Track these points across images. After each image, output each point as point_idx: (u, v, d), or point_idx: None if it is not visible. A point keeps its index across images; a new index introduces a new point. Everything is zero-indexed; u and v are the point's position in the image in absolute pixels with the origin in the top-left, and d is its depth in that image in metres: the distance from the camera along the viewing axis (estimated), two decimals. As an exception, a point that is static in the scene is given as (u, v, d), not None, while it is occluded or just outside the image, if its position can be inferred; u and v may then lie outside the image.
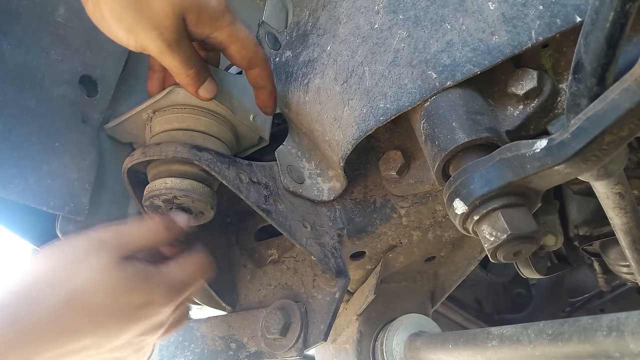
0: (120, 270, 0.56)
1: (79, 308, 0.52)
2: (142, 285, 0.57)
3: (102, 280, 0.54)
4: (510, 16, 0.56)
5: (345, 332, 0.89)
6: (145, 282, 0.57)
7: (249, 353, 0.79)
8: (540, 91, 0.57)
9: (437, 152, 0.55)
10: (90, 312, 0.53)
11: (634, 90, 0.38)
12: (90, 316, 0.53)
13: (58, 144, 0.65)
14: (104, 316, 0.54)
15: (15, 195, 0.60)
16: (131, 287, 0.56)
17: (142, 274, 0.58)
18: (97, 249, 0.56)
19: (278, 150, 0.76)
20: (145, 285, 0.57)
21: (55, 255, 0.56)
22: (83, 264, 0.54)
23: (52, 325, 0.51)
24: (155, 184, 0.66)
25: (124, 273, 0.56)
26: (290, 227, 0.68)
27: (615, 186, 0.52)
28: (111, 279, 0.55)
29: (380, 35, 0.63)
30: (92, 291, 0.53)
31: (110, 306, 0.54)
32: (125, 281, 0.55)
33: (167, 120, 0.69)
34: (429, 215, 0.76)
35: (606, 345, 0.44)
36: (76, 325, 0.52)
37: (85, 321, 0.53)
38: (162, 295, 0.59)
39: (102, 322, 0.54)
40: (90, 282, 0.54)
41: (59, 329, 0.51)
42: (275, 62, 0.79)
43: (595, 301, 1.52)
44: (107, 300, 0.54)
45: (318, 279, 0.77)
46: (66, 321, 0.52)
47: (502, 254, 0.49)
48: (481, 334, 0.61)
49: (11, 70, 0.61)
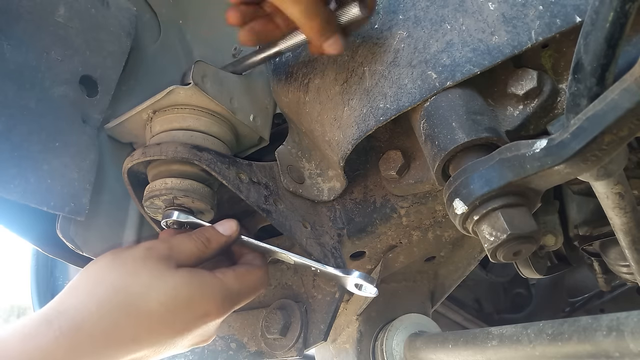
0: (173, 277, 0.55)
1: (138, 314, 0.52)
2: (199, 293, 0.56)
3: (159, 287, 0.54)
4: (510, 16, 0.56)
5: (345, 332, 0.89)
6: (200, 290, 0.56)
7: (249, 353, 0.79)
8: (540, 91, 0.57)
9: (437, 152, 0.55)
10: (148, 320, 0.53)
11: (633, 90, 0.38)
12: (148, 324, 0.53)
13: (58, 144, 0.65)
14: (162, 325, 0.54)
15: (16, 195, 0.60)
16: (188, 295, 0.55)
17: (199, 281, 0.57)
18: (153, 256, 0.56)
19: (278, 150, 0.76)
20: (202, 294, 0.56)
21: (116, 261, 0.56)
22: (142, 270, 0.55)
23: (113, 331, 0.50)
24: (156, 184, 0.66)
25: (181, 279, 0.55)
26: (290, 227, 0.69)
27: (615, 186, 0.52)
28: (169, 286, 0.54)
29: (380, 35, 0.63)
30: (150, 297, 0.53)
31: (167, 315, 0.54)
32: (178, 288, 0.55)
33: (167, 120, 0.69)
34: (429, 215, 0.76)
35: (606, 345, 0.44)
36: (135, 334, 0.52)
37: (144, 329, 0.52)
38: (218, 306, 0.58)
39: (160, 330, 0.54)
40: (148, 287, 0.54)
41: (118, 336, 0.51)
42: (275, 62, 0.79)
43: (595, 301, 1.52)
44: (164, 307, 0.54)
45: (318, 279, 0.77)
46: (126, 327, 0.51)
47: (502, 254, 0.49)
48: (481, 334, 0.61)
49: (11, 70, 0.61)
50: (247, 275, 0.63)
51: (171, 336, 0.55)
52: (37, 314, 0.50)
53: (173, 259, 0.58)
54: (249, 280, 0.63)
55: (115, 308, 0.51)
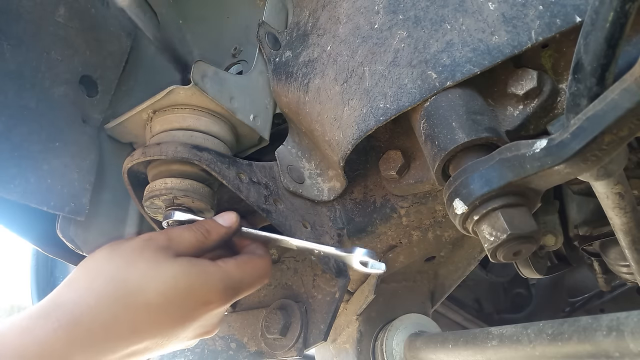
0: (172, 266, 0.54)
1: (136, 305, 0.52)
2: (199, 282, 0.55)
3: (157, 276, 0.53)
4: (510, 16, 0.56)
5: (345, 332, 0.89)
6: (201, 278, 0.56)
7: (249, 353, 0.79)
8: (540, 91, 0.57)
9: (437, 152, 0.55)
10: (147, 310, 0.52)
11: (633, 90, 0.38)
12: (148, 314, 0.52)
13: (58, 144, 0.65)
14: (161, 315, 0.53)
15: (16, 195, 0.60)
16: (188, 284, 0.54)
17: (198, 270, 0.56)
18: (151, 247, 0.56)
19: (278, 150, 0.76)
20: (202, 282, 0.55)
21: (113, 253, 0.55)
22: (139, 261, 0.54)
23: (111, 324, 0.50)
24: (156, 184, 0.66)
25: (180, 268, 0.55)
26: (290, 227, 0.69)
27: (615, 186, 0.52)
28: (167, 275, 0.54)
29: (380, 35, 0.63)
30: (148, 287, 0.52)
31: (167, 304, 0.53)
32: (177, 277, 0.54)
33: (167, 120, 0.69)
34: (429, 215, 0.76)
35: (606, 345, 0.44)
36: (134, 325, 0.51)
37: (143, 320, 0.52)
38: (219, 294, 0.57)
39: (160, 321, 0.53)
40: (146, 277, 0.53)
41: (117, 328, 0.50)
42: (275, 62, 0.79)
43: (595, 301, 1.52)
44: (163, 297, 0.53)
45: (318, 279, 0.77)
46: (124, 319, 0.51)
47: (502, 253, 0.49)
48: (481, 334, 0.61)
49: (11, 70, 0.61)
50: (249, 264, 0.62)
51: (172, 326, 0.54)
52: (35, 307, 0.50)
53: (172, 249, 0.57)
54: (251, 269, 0.62)
55: (113, 300, 0.51)
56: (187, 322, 0.55)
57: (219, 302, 0.57)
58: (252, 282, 0.62)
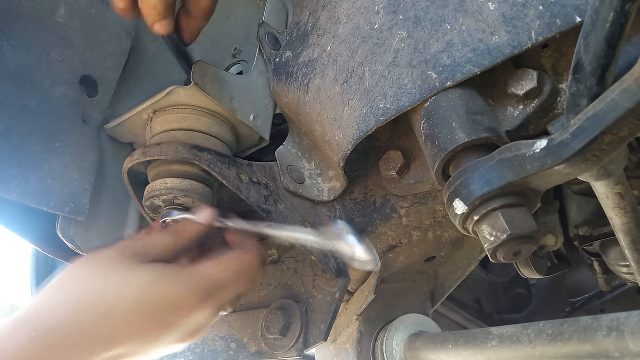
0: (146, 272, 0.55)
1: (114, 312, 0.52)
2: (170, 286, 0.55)
3: (133, 283, 0.54)
4: (510, 16, 0.56)
5: (345, 332, 0.89)
6: (172, 283, 0.56)
7: (249, 353, 0.79)
8: (540, 91, 0.57)
9: (437, 152, 0.55)
10: (124, 317, 0.53)
11: (633, 90, 0.38)
12: (125, 320, 0.53)
13: (58, 144, 0.65)
14: (140, 321, 0.54)
15: (16, 195, 0.60)
16: (159, 289, 0.55)
17: (172, 274, 0.56)
18: (127, 253, 0.57)
19: (278, 150, 0.76)
20: (176, 286, 0.56)
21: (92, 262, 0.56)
22: (116, 268, 0.55)
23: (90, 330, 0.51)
24: (156, 184, 0.66)
25: (151, 274, 0.55)
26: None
27: (615, 186, 0.52)
28: (143, 281, 0.54)
29: (380, 36, 0.63)
30: (125, 294, 0.53)
31: (142, 311, 0.54)
32: (152, 282, 0.55)
33: (167, 120, 0.69)
34: (429, 215, 0.76)
35: (606, 345, 0.44)
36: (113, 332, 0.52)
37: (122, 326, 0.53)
38: (194, 298, 0.56)
39: (139, 326, 0.54)
40: (122, 284, 0.54)
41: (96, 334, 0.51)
42: (275, 62, 0.79)
43: (595, 301, 1.52)
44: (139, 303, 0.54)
45: (318, 279, 0.77)
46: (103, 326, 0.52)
47: (502, 254, 0.49)
48: (481, 334, 0.61)
49: (11, 70, 0.61)
50: (233, 261, 0.62)
51: (151, 331, 0.55)
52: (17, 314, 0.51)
53: (147, 254, 0.58)
54: (236, 266, 0.61)
55: (91, 307, 0.52)
56: (167, 327, 0.56)
57: (194, 306, 0.57)
58: (236, 280, 0.61)
